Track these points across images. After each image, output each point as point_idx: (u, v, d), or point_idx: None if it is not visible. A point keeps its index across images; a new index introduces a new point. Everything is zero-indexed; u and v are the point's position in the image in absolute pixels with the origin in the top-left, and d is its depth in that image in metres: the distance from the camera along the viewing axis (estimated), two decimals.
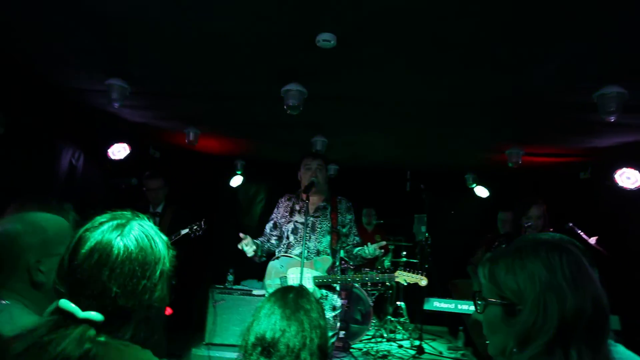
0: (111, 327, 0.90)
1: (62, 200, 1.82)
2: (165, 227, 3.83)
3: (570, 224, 3.96)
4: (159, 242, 1.03)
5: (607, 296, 0.92)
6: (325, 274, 2.91)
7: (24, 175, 3.26)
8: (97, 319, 0.88)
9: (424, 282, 2.84)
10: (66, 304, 0.88)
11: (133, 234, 0.99)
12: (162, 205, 3.98)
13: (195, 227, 3.68)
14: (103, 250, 0.93)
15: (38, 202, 1.70)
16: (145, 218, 1.09)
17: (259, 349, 1.25)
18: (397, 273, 2.91)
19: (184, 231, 3.66)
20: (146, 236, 1.01)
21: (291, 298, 1.35)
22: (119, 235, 0.96)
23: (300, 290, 1.41)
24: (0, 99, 2.93)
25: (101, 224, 0.98)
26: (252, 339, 1.28)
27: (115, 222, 1.00)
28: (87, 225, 0.99)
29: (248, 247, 2.92)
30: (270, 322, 1.29)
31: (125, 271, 0.93)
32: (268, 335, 1.25)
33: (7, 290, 1.24)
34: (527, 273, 0.93)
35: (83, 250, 0.93)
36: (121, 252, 0.94)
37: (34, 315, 1.15)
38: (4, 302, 1.21)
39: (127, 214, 1.06)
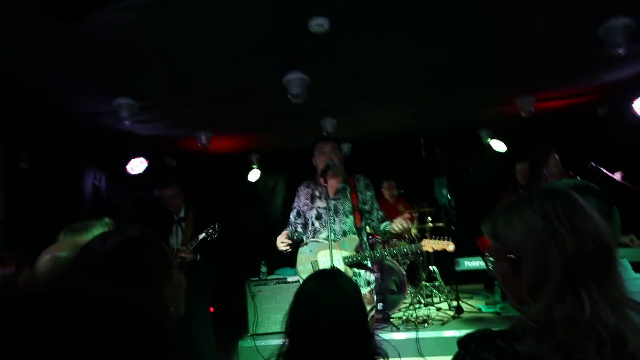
0: None
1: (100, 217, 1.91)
2: (190, 230, 3.92)
3: (593, 163, 3.91)
4: None
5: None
6: (354, 253, 2.97)
7: (52, 204, 3.40)
8: None
9: (451, 247, 2.87)
10: None
11: None
12: (183, 210, 4.06)
13: (210, 231, 3.71)
14: None
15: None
16: None
17: (303, 329, 1.31)
18: (424, 242, 2.94)
19: (202, 236, 3.71)
20: None
21: (326, 277, 1.42)
22: None
23: (333, 270, 1.48)
24: (22, 136, 3.04)
25: None
26: (294, 321, 1.34)
27: None
28: None
29: (288, 246, 3.03)
30: (308, 301, 1.34)
31: None
32: (308, 314, 1.31)
33: None
34: (524, 225, 0.94)
35: None
36: None
37: None
38: None
39: None
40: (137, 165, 4.73)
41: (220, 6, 2.21)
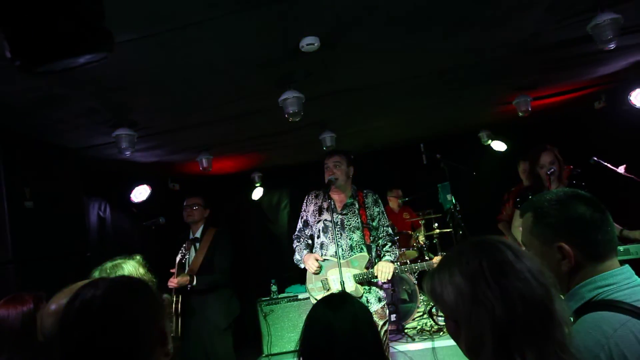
0: None
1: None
2: (204, 251, 3.79)
3: (595, 158, 3.88)
4: None
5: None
6: (364, 270, 2.95)
7: (59, 239, 3.41)
8: None
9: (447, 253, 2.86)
10: None
11: None
12: (201, 228, 3.91)
13: (183, 250, 3.63)
14: None
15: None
16: None
17: (317, 353, 1.29)
18: (436, 259, 2.94)
19: (177, 257, 3.62)
20: None
21: (336, 303, 1.40)
22: None
23: (343, 295, 1.46)
24: (24, 174, 3.07)
25: None
26: (307, 350, 1.31)
27: None
28: None
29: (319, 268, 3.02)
30: (320, 330, 1.32)
31: None
32: (321, 343, 1.29)
33: None
34: (454, 288, 0.91)
35: None
36: None
37: None
38: None
39: None
40: (140, 193, 4.76)
41: (210, 33, 2.24)
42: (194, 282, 3.62)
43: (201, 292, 3.67)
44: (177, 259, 3.64)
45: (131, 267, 1.82)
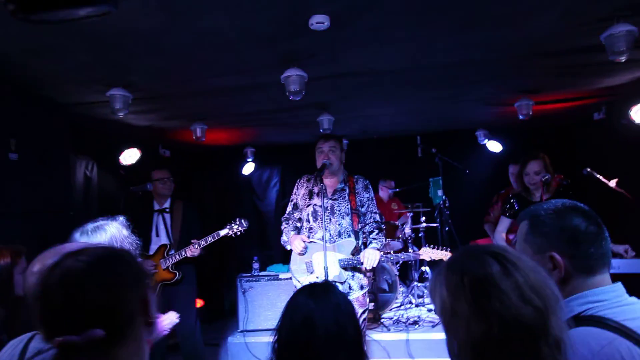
0: None
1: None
2: (179, 224, 3.82)
3: (588, 169, 3.90)
4: None
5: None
6: (350, 256, 2.95)
7: (43, 195, 3.33)
8: None
9: (448, 257, 2.86)
10: None
11: None
12: (169, 201, 3.90)
13: (235, 227, 3.55)
14: None
15: None
16: None
17: (294, 347, 1.25)
18: (422, 250, 2.93)
19: (224, 232, 3.55)
20: None
21: (319, 293, 1.36)
22: None
23: (326, 284, 1.43)
24: (11, 125, 2.97)
25: None
26: (284, 338, 1.27)
27: None
28: None
29: (305, 249, 3.01)
30: (301, 319, 1.27)
31: None
32: (301, 332, 1.24)
33: None
34: (439, 297, 0.92)
35: None
36: None
37: None
38: None
39: None
40: (130, 156, 4.67)
41: (217, 2, 2.15)
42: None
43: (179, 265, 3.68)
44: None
45: (114, 229, 1.77)
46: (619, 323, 1.06)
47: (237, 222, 3.58)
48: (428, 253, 2.91)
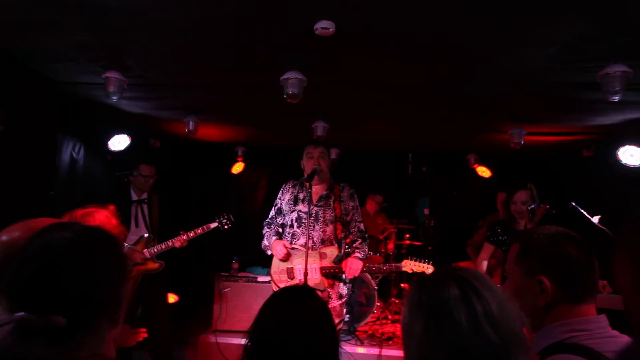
0: None
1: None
2: (156, 216, 3.83)
3: (573, 204, 3.95)
4: None
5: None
6: (332, 264, 2.92)
7: (26, 171, 3.26)
8: None
9: (430, 270, 2.86)
10: None
11: None
12: (147, 193, 3.88)
13: (224, 221, 3.66)
14: None
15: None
16: None
17: (267, 350, 1.21)
18: (404, 262, 2.93)
19: (214, 225, 3.63)
20: None
21: (297, 296, 1.34)
22: None
23: (305, 288, 1.41)
24: (0, 96, 2.90)
25: None
26: (258, 340, 1.23)
27: None
28: None
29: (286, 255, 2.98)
30: (277, 322, 1.24)
31: None
32: (275, 336, 1.21)
33: None
34: (402, 313, 0.94)
35: None
36: None
37: None
38: None
39: None
40: (119, 142, 4.59)
41: None
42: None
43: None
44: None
45: (103, 217, 1.74)
46: (600, 354, 1.06)
47: (226, 217, 3.66)
48: (410, 265, 2.91)
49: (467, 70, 3.06)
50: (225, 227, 3.70)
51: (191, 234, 3.57)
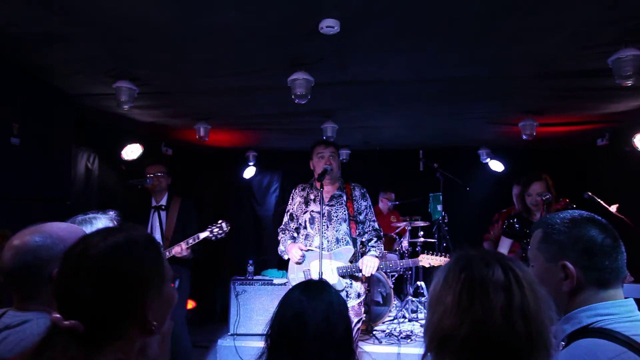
0: None
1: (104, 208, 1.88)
2: (174, 221, 3.74)
3: (589, 193, 3.89)
4: None
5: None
6: (348, 264, 2.92)
7: (42, 182, 3.32)
8: None
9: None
10: None
11: None
12: (166, 198, 3.83)
13: (216, 230, 3.41)
14: None
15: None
16: None
17: (284, 340, 1.25)
18: (421, 257, 2.91)
19: (204, 234, 3.41)
20: None
21: (313, 289, 1.36)
22: None
23: (321, 282, 1.43)
24: (15, 110, 2.97)
25: None
26: (276, 331, 1.28)
27: None
28: None
29: (302, 257, 2.98)
30: (293, 313, 1.29)
31: None
32: (292, 326, 1.25)
33: (34, 303, 1.26)
34: (437, 278, 0.95)
35: None
36: None
37: None
38: (29, 314, 1.24)
39: None
40: (132, 151, 4.66)
41: None
42: (192, 256, 3.54)
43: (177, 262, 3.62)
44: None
45: (101, 223, 1.75)
46: (629, 337, 1.04)
47: (218, 225, 3.42)
48: (427, 259, 2.89)
49: (475, 62, 3.03)
50: (217, 236, 3.40)
51: (183, 245, 3.42)
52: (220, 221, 3.45)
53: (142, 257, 0.96)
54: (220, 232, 3.42)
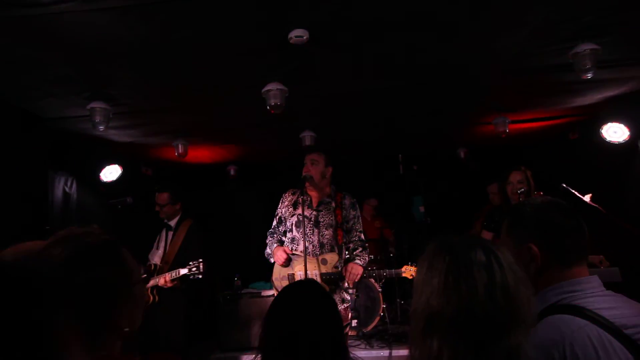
0: None
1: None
2: (178, 243, 3.75)
3: (564, 185, 4.01)
4: None
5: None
6: (332, 269, 2.94)
7: (19, 209, 3.27)
8: None
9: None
10: None
11: None
12: (176, 219, 3.87)
13: (194, 269, 3.41)
14: None
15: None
16: None
17: (278, 343, 1.25)
18: (404, 268, 2.97)
19: (183, 271, 3.43)
20: None
21: (304, 290, 1.38)
22: None
23: (311, 282, 1.45)
24: None
25: None
26: (269, 335, 1.28)
27: None
28: None
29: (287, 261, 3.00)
30: (285, 315, 1.30)
31: None
32: (285, 328, 1.26)
33: None
34: (422, 260, 1.00)
35: None
36: None
37: None
38: None
39: None
40: (110, 172, 4.62)
41: (198, 13, 2.20)
42: (180, 287, 3.54)
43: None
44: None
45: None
46: (592, 311, 1.09)
47: (196, 265, 3.42)
48: (410, 271, 2.95)
49: (445, 64, 3.12)
50: (196, 276, 3.42)
51: (167, 276, 3.45)
52: (200, 260, 3.44)
53: (103, 261, 0.97)
54: (197, 272, 3.42)
